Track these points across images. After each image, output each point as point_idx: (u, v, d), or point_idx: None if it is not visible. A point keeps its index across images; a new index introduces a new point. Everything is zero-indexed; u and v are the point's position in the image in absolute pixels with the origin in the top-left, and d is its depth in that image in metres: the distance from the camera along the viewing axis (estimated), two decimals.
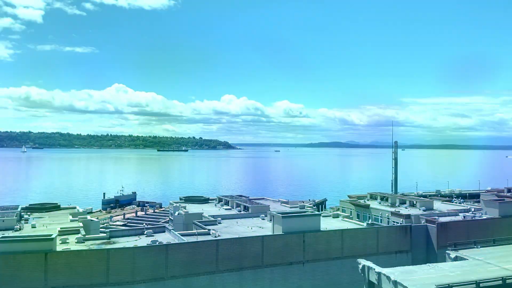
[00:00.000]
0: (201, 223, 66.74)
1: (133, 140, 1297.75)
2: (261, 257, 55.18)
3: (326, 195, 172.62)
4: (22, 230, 61.14)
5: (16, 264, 45.05)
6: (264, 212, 75.73)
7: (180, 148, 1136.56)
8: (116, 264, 47.84)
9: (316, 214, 65.36)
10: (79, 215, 71.36)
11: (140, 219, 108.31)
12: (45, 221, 68.52)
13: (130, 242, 55.43)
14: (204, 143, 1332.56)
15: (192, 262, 51.16)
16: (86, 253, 48.12)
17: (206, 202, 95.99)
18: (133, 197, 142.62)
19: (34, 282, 45.34)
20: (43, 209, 78.90)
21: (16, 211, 69.12)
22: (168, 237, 59.91)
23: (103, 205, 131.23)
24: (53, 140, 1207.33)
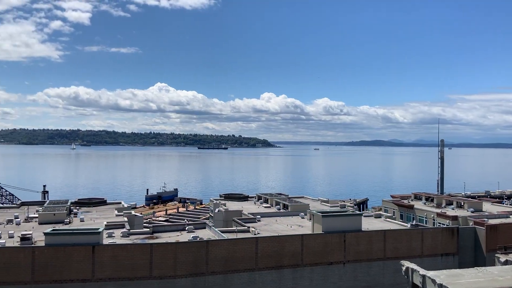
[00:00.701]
0: (240, 221, 67.19)
1: (174, 138, 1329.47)
2: (300, 256, 54.78)
3: (368, 195, 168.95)
4: (72, 223, 64.14)
5: (66, 256, 47.28)
6: (303, 211, 75.14)
7: (220, 146, 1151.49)
8: (158, 258, 49.10)
9: (357, 214, 64.01)
10: (124, 210, 73.88)
11: (181, 215, 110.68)
12: (93, 215, 71.52)
13: (172, 238, 56.72)
14: (243, 141, 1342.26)
15: (232, 258, 51.60)
16: (130, 247, 49.70)
17: (245, 199, 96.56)
18: (175, 194, 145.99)
19: (82, 273, 47.41)
20: (91, 204, 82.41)
21: (66, 206, 72.63)
22: (209, 233, 60.77)
23: (146, 201, 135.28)
24: (100, 137, 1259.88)
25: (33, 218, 66.64)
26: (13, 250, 47.20)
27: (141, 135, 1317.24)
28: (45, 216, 64.84)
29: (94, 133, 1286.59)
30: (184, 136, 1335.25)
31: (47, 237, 48.27)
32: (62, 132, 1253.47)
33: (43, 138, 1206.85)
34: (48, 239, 48.11)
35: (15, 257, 46.48)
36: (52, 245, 47.58)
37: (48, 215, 65.27)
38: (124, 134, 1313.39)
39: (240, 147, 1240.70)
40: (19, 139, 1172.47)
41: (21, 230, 57.01)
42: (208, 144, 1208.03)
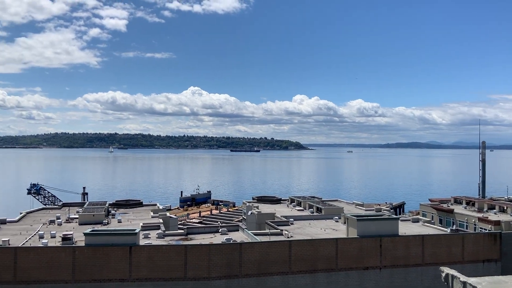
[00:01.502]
0: (273, 223, 66.98)
1: (207, 140, 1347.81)
2: (335, 260, 53.92)
3: (405, 198, 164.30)
4: (110, 224, 66.07)
5: (104, 256, 48.70)
6: (337, 214, 74.03)
7: (252, 149, 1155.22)
8: (193, 259, 49.67)
9: (394, 218, 62.36)
10: (159, 211, 75.39)
11: (214, 217, 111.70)
12: (129, 217, 73.39)
13: (206, 239, 57.28)
14: (275, 143, 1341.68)
15: (265, 261, 51.47)
16: (166, 248, 50.56)
17: (278, 202, 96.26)
18: (208, 196, 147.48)
19: (120, 273, 48.65)
20: (128, 205, 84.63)
21: (105, 207, 74.93)
22: (242, 235, 60.92)
23: (180, 203, 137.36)
24: (136, 141, 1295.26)
25: (73, 219, 69.14)
26: (55, 249, 49.08)
27: (175, 138, 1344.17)
28: (85, 217, 67.15)
29: (130, 136, 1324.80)
30: (217, 139, 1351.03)
31: (87, 237, 49.89)
32: (101, 135, 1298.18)
33: (83, 141, 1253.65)
34: (88, 239, 49.71)
35: (57, 256, 48.30)
36: (92, 245, 49.11)
37: (87, 216, 67.56)
38: (159, 137, 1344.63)
39: (273, 150, 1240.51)
40: (61, 143, 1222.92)
41: (63, 230, 59.27)
42: (241, 146, 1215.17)
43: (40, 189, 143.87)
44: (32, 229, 61.74)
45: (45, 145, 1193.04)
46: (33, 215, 75.04)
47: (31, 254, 48.19)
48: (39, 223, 66.22)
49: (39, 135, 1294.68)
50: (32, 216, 73.36)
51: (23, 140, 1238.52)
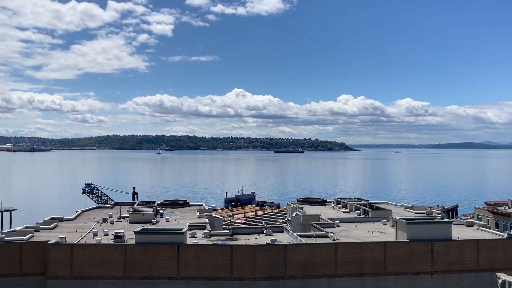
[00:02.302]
0: (318, 225, 66.10)
1: (251, 142, 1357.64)
2: (383, 264, 52.37)
3: (458, 201, 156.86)
4: (158, 223, 68.11)
5: (153, 254, 50.26)
6: (386, 217, 71.86)
7: (296, 150, 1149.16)
8: (238, 260, 50.09)
9: (447, 222, 59.57)
10: (205, 212, 76.72)
11: (259, 218, 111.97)
12: (177, 216, 75.27)
13: (251, 240, 57.56)
14: (320, 144, 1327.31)
15: (311, 263, 50.91)
16: (212, 247, 51.36)
17: (323, 204, 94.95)
18: (253, 197, 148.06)
19: (168, 271, 50.01)
20: (175, 205, 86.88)
21: (153, 206, 77.37)
22: (286, 237, 60.65)
23: (225, 203, 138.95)
24: (182, 142, 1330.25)
25: (124, 218, 71.94)
26: (108, 247, 51.27)
27: (219, 140, 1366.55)
28: (135, 216, 69.68)
29: (177, 138, 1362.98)
30: (261, 140, 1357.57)
31: (137, 235, 51.71)
32: (149, 137, 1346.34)
33: (133, 143, 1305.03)
34: (138, 237, 51.51)
35: (109, 254, 50.44)
36: (141, 244, 50.84)
37: (137, 215, 70.07)
38: (204, 139, 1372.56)
39: (317, 151, 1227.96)
40: (112, 145, 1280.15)
41: (115, 228, 61.82)
42: (284, 147, 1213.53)
43: (93, 189, 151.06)
44: (87, 227, 64.89)
45: (98, 146, 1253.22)
46: (87, 213, 78.89)
47: (86, 251, 50.67)
48: (93, 222, 69.49)
49: (93, 138, 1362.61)
50: (86, 215, 77.13)
51: (78, 142, 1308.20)
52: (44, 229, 62.44)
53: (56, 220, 68.00)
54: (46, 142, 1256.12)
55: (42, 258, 50.73)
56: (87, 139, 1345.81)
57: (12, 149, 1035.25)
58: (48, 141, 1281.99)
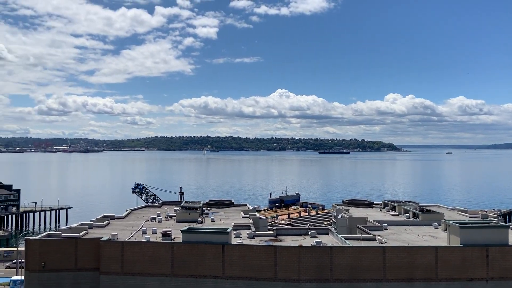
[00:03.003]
0: (365, 228, 64.52)
1: (295, 142, 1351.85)
2: (434, 269, 50.12)
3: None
4: (204, 223, 69.32)
5: (200, 253, 51.15)
6: (437, 221, 68.84)
7: (342, 150, 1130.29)
8: (283, 261, 49.84)
9: (503, 226, 56.09)
10: (249, 212, 77.18)
11: (303, 220, 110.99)
12: (222, 216, 76.26)
13: (295, 241, 57.13)
14: (366, 145, 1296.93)
15: (357, 267, 49.70)
16: (256, 248, 51.49)
17: (370, 206, 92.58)
18: (297, 198, 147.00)
19: (214, 270, 50.68)
20: (220, 205, 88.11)
21: (199, 206, 78.88)
22: (332, 239, 59.66)
23: (269, 204, 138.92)
24: (227, 143, 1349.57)
25: (172, 217, 73.89)
26: (156, 245, 52.81)
27: (263, 141, 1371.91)
28: (182, 215, 71.36)
29: (221, 139, 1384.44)
30: (305, 141, 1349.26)
31: (184, 234, 52.87)
32: (195, 138, 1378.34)
33: (179, 144, 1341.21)
34: (185, 236, 52.65)
35: (157, 251, 51.94)
36: (188, 242, 51.90)
37: (184, 214, 71.73)
38: (248, 140, 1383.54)
39: (363, 152, 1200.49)
40: (160, 145, 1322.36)
41: (162, 227, 63.67)
42: (329, 148, 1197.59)
43: (143, 189, 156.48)
44: (136, 225, 67.26)
45: (147, 147, 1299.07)
46: (137, 212, 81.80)
47: (136, 248, 52.48)
48: (142, 220, 71.95)
49: (142, 139, 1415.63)
50: (136, 213, 79.99)
51: (128, 143, 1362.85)
52: (97, 226, 65.45)
53: (108, 218, 71.08)
54: (99, 144, 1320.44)
55: (95, 254, 53.11)
56: (136, 140, 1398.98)
57: (68, 150, 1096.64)
58: (100, 143, 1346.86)
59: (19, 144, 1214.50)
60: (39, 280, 52.98)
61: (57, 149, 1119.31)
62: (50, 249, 53.50)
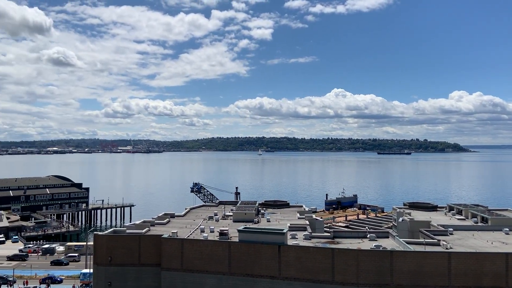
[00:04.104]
0: (429, 232, 61.39)
1: (352, 143, 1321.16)
2: (505, 277, 46.56)
3: None
4: (260, 223, 69.70)
5: (256, 252, 51.48)
6: (508, 226, 63.94)
7: (402, 151, 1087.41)
8: (340, 264, 48.77)
9: None
10: (305, 213, 76.44)
11: (361, 222, 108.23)
12: (277, 217, 76.23)
13: (353, 244, 55.66)
14: (429, 145, 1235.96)
15: (420, 272, 47.39)
16: (313, 249, 50.84)
17: (434, 209, 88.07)
18: (354, 200, 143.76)
19: (270, 270, 50.76)
20: (276, 206, 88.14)
21: (255, 206, 79.44)
22: (392, 243, 57.43)
23: (326, 206, 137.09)
24: (282, 144, 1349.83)
25: (228, 216, 75.12)
26: (213, 243, 53.95)
27: (319, 141, 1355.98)
28: (238, 215, 72.33)
29: (276, 140, 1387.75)
30: (363, 141, 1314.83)
31: (240, 234, 53.49)
32: (250, 139, 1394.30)
33: (235, 145, 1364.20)
34: (241, 236, 53.26)
35: (215, 250, 53.02)
36: (244, 242, 52.43)
37: (240, 214, 72.64)
38: (304, 140, 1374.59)
39: (426, 152, 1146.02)
40: (216, 146, 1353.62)
41: (220, 226, 64.93)
42: (389, 149, 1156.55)
43: (200, 188, 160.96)
44: (195, 223, 69.18)
45: (204, 148, 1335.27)
46: (195, 211, 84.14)
47: (194, 246, 53.96)
48: (200, 218, 73.87)
49: (199, 140, 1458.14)
50: (194, 212, 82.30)
51: (186, 144, 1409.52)
52: (159, 224, 68.16)
53: (168, 216, 73.81)
54: (159, 144, 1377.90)
55: (157, 250, 55.35)
56: (194, 141, 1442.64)
57: (132, 150, 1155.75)
58: (161, 143, 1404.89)
59: (88, 145, 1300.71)
60: (106, 273, 56.16)
61: (121, 150, 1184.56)
62: (116, 244, 56.55)
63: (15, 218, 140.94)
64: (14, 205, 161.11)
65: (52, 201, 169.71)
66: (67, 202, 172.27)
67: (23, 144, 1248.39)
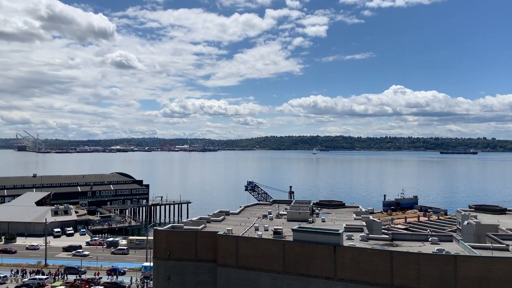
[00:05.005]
0: (497, 237, 57.32)
1: (412, 142, 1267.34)
2: None
3: None
4: (314, 223, 68.84)
5: (310, 252, 50.86)
6: None
7: (467, 151, 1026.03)
8: (399, 267, 46.86)
9: None
10: (361, 214, 74.40)
11: (422, 225, 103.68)
12: (332, 217, 74.88)
13: (414, 247, 53.27)
14: (497, 144, 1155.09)
15: (487, 279, 44.31)
16: (370, 251, 49.29)
17: (502, 212, 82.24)
18: (415, 201, 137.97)
19: (325, 270, 49.91)
20: (331, 206, 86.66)
21: (309, 206, 78.63)
22: (456, 247, 54.27)
23: (383, 207, 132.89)
24: (337, 143, 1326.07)
25: (282, 215, 74.97)
26: (268, 241, 54.06)
27: (376, 140, 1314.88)
28: (292, 214, 71.93)
29: (331, 138, 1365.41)
30: (424, 140, 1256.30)
31: (295, 233, 53.13)
32: (304, 138, 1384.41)
33: (288, 144, 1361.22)
34: (296, 235, 52.88)
35: (269, 248, 53.09)
36: (299, 241, 52.00)
37: (294, 213, 72.20)
38: (360, 139, 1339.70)
39: (493, 152, 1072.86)
40: (270, 145, 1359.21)
41: (274, 224, 64.95)
42: (453, 148, 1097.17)
43: (254, 187, 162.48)
44: (249, 221, 69.78)
45: (258, 147, 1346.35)
46: (249, 209, 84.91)
47: (249, 244, 54.41)
48: (254, 217, 74.39)
49: (253, 139, 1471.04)
50: (248, 210, 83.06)
51: (240, 143, 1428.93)
52: (214, 221, 69.56)
53: (223, 213, 75.13)
54: (215, 143, 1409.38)
55: (213, 246, 56.50)
56: (248, 140, 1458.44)
57: (188, 149, 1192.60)
58: (216, 142, 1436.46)
59: (148, 144, 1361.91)
60: (165, 267, 58.28)
61: (179, 149, 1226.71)
62: (174, 239, 58.48)
63: (82, 212, 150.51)
64: (81, 199, 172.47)
65: (115, 196, 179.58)
66: (129, 198, 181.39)
67: (90, 142, 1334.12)
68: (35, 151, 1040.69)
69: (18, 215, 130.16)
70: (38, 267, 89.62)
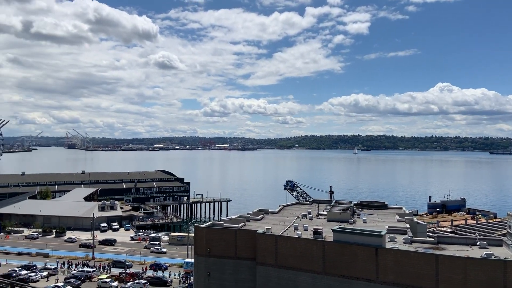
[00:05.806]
0: None
1: (460, 142, 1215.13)
2: None
3: None
4: (355, 223, 67.53)
5: (351, 253, 49.94)
6: None
7: None
8: (445, 271, 45.07)
9: None
10: (405, 216, 72.14)
11: (470, 228, 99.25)
12: (374, 218, 73.12)
13: (461, 251, 51.06)
14: None
15: None
16: (413, 254, 47.72)
17: None
18: (462, 204, 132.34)
19: (367, 272, 48.82)
20: (372, 207, 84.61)
21: (350, 206, 77.16)
22: (507, 252, 51.49)
23: (428, 209, 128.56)
24: (379, 142, 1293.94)
25: (322, 215, 74.10)
26: (307, 241, 53.61)
27: (421, 139, 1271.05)
28: (333, 214, 70.91)
29: (373, 138, 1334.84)
30: (472, 140, 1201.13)
31: (335, 234, 52.36)
32: (345, 137, 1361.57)
33: (329, 143, 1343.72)
34: (336, 235, 52.11)
35: (309, 248, 52.63)
36: (339, 242, 51.20)
37: (335, 213, 71.13)
38: (403, 139, 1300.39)
39: None
40: (309, 144, 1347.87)
41: (313, 224, 64.34)
42: (503, 148, 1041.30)
43: (294, 186, 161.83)
44: (288, 221, 69.52)
45: (297, 146, 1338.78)
46: (288, 208, 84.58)
47: (288, 243, 54.21)
48: (293, 216, 74.02)
49: (292, 138, 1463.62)
50: (288, 209, 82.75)
51: (280, 142, 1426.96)
52: (253, 219, 69.87)
53: (263, 212, 75.29)
54: (254, 142, 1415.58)
55: (252, 245, 56.76)
56: (287, 139, 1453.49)
57: (228, 148, 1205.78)
58: (255, 141, 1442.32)
59: (188, 142, 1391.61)
60: (205, 263, 59.26)
61: (219, 147, 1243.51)
62: (214, 236, 59.31)
63: (127, 208, 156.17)
64: (126, 196, 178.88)
65: (158, 194, 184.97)
66: (171, 195, 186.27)
67: (134, 141, 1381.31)
68: (84, 149, 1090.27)
69: (67, 210, 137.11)
70: (86, 260, 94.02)
